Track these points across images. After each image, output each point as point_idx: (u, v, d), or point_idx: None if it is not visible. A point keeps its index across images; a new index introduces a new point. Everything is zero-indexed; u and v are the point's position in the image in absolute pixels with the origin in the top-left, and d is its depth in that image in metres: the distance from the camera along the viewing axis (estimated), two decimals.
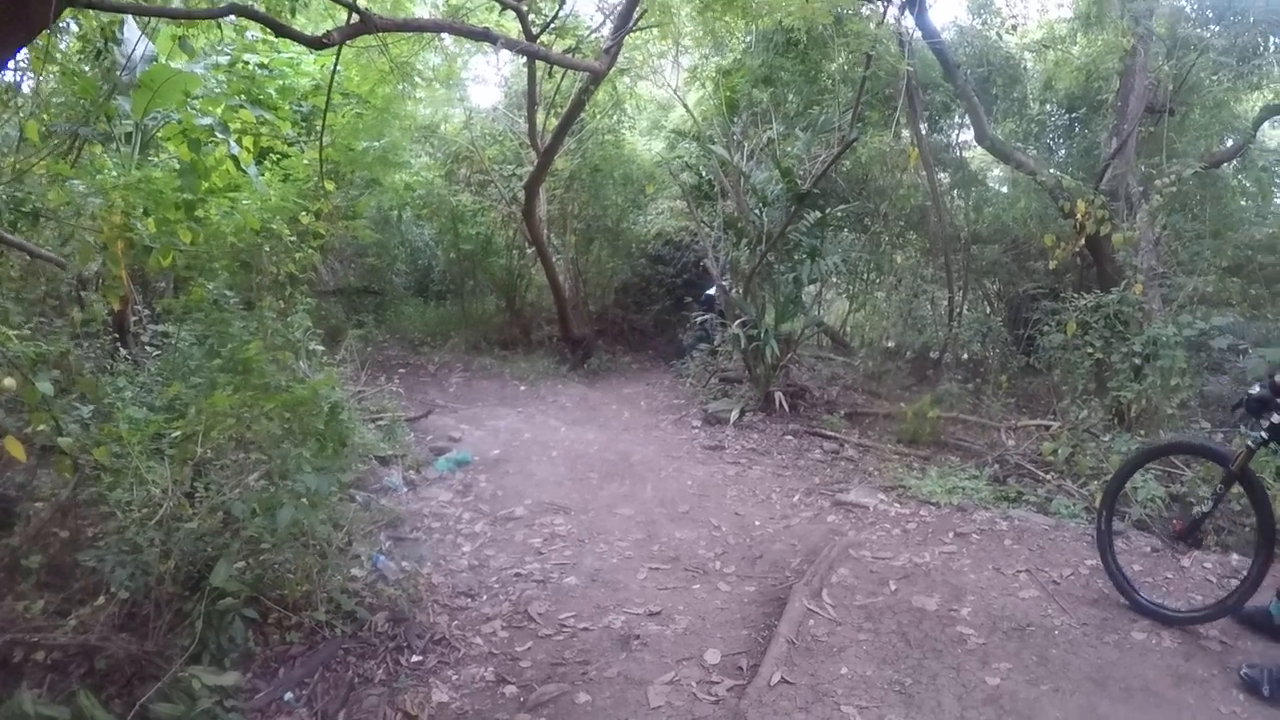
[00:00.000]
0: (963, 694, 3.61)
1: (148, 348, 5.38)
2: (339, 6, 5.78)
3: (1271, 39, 8.63)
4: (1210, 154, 9.34)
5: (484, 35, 5.86)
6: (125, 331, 5.45)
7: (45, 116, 5.19)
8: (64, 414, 3.62)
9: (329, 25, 6.77)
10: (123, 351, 5.22)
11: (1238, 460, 4.10)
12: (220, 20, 5.10)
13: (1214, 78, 9.06)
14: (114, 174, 5.28)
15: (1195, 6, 9.30)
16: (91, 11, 4.85)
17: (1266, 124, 9.79)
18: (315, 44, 4.49)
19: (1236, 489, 4.42)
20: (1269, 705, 3.56)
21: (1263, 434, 4.02)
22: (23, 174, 4.62)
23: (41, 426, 3.42)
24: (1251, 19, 8.48)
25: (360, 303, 11.30)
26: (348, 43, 5.09)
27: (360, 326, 9.43)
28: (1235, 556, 5.21)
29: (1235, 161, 9.62)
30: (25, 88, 5.81)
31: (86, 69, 5.76)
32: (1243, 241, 9.07)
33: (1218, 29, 8.88)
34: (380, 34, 6.13)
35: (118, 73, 5.67)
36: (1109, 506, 4.61)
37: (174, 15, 4.91)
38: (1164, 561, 5.12)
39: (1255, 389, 4.17)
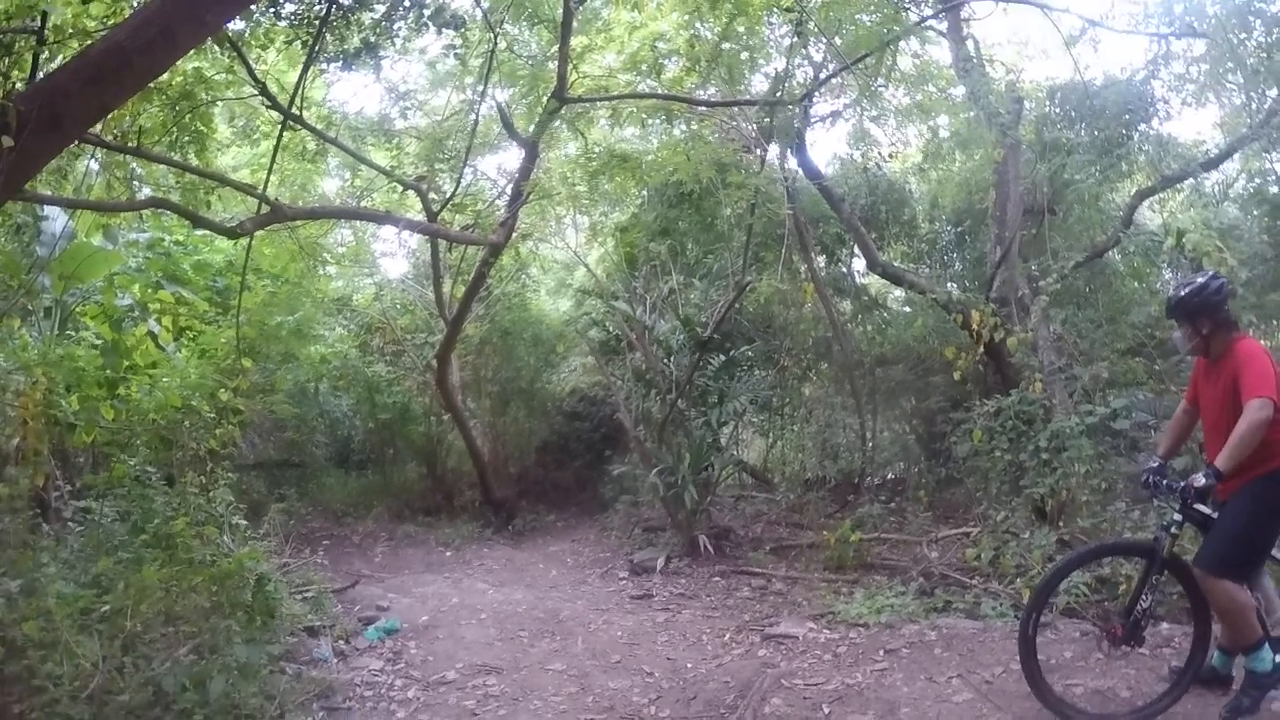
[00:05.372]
0: None
1: (70, 524, 5.31)
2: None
3: (1134, 129, 9.06)
4: (1092, 245, 9.65)
5: (387, 219, 6.25)
6: (46, 507, 5.39)
7: None
8: None
9: (244, 209, 7.04)
10: (45, 527, 5.15)
11: (1166, 549, 4.26)
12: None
13: (1085, 173, 9.33)
14: (34, 350, 5.35)
15: (1059, 110, 9.76)
16: None
17: (1143, 207, 10.21)
18: (230, 234, 4.76)
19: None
20: None
21: (1176, 516, 4.25)
22: None
23: None
24: (1111, 113, 8.89)
25: (281, 476, 11.17)
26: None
27: (282, 500, 9.32)
28: (1165, 625, 5.42)
29: (1118, 248, 9.96)
30: None
31: (8, 244, 5.87)
32: (1137, 322, 9.29)
33: (1082, 128, 9.31)
34: (290, 221, 6.45)
35: (38, 249, 5.82)
36: (1035, 613, 4.52)
37: (98, 208, 5.15)
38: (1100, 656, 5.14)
39: (1153, 463, 4.50)
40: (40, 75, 3.45)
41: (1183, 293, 4.36)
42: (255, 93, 5.99)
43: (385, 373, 12.22)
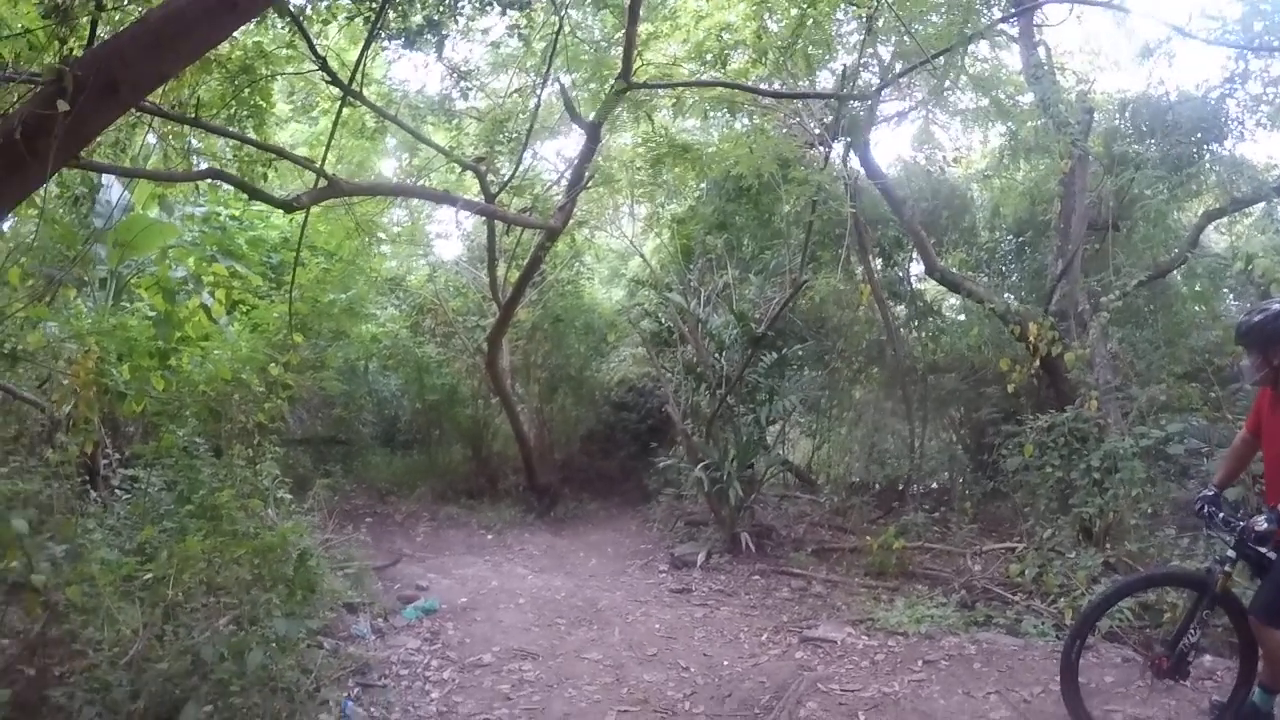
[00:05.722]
0: None
1: (117, 491, 5.39)
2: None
3: (1205, 147, 8.97)
4: (1155, 264, 9.56)
5: (444, 198, 6.23)
6: (95, 474, 5.48)
7: (23, 260, 5.35)
8: (36, 552, 3.64)
9: (299, 185, 7.08)
10: (93, 494, 5.23)
11: (1220, 584, 4.15)
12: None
13: (1153, 190, 9.29)
14: (88, 320, 5.42)
15: (1130, 124, 9.63)
16: None
17: (1210, 229, 10.07)
18: (285, 206, 4.76)
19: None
20: None
21: (1230, 553, 4.13)
22: (2, 317, 4.74)
23: (13, 563, 3.44)
24: (1184, 129, 8.79)
25: (327, 452, 11.28)
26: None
27: (328, 475, 9.42)
28: (1208, 658, 5.27)
29: (1182, 269, 9.82)
30: (4, 229, 5.98)
31: (65, 215, 5.95)
32: (1196, 346, 9.13)
33: (1152, 143, 9.15)
34: (346, 197, 6.46)
35: (95, 220, 5.90)
36: (1080, 639, 4.45)
37: (155, 178, 5.20)
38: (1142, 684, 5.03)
39: (1208, 491, 4.37)
40: (99, 41, 3.45)
41: (1256, 319, 4.19)
42: (315, 68, 6.01)
43: (435, 354, 12.27)
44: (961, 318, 12.35)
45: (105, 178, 6.08)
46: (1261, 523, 3.87)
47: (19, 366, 5.23)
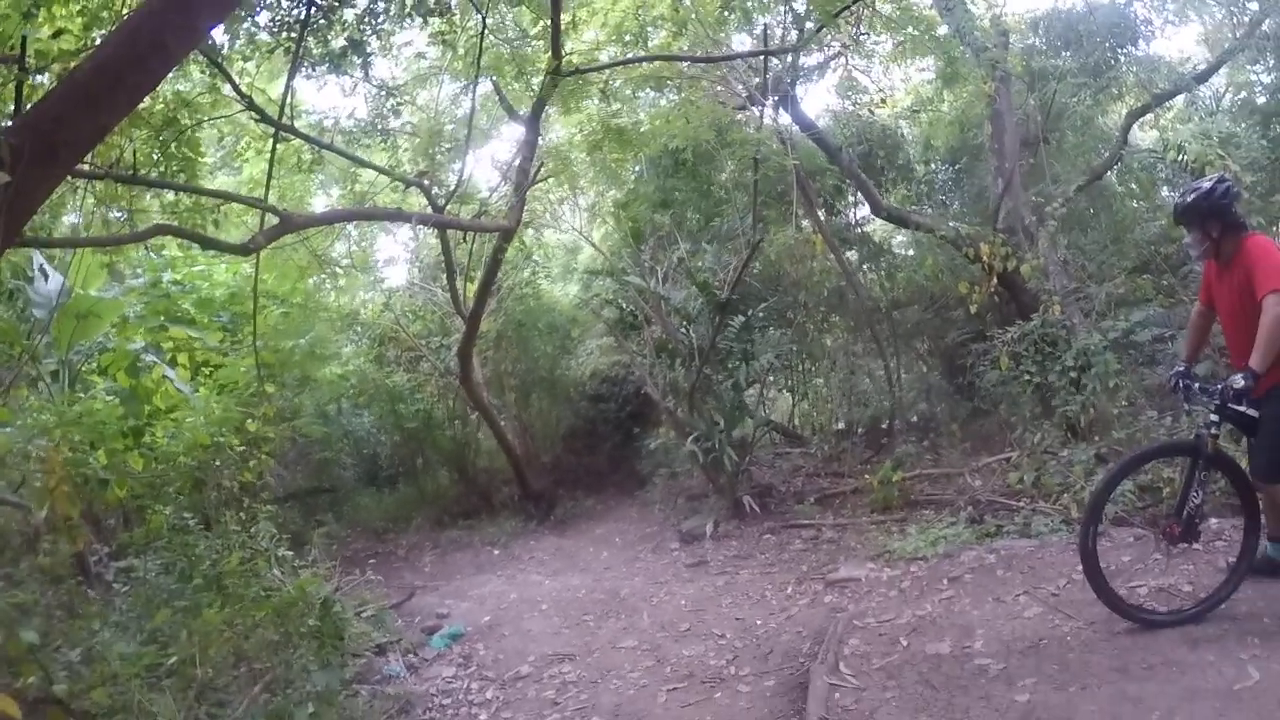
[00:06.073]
0: (997, 717, 3.69)
1: (113, 585, 5.25)
2: (245, 210, 6.01)
3: (1120, 50, 9.20)
4: (1090, 169, 9.86)
5: (397, 216, 6.15)
6: (87, 573, 5.33)
7: None
8: (51, 663, 3.54)
9: (243, 232, 6.92)
10: (90, 593, 5.09)
11: (1209, 446, 4.28)
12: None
13: (1076, 99, 9.55)
14: (48, 414, 5.26)
15: (1044, 39, 9.90)
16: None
17: (1135, 127, 10.34)
18: (241, 251, 4.67)
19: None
20: None
21: (1214, 416, 4.26)
22: None
23: (30, 679, 3.33)
24: (1097, 37, 9.02)
25: (314, 503, 11.13)
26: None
27: (319, 526, 9.30)
28: (1213, 521, 5.41)
29: (1117, 169, 10.14)
30: None
31: (3, 311, 5.78)
32: (1142, 239, 9.49)
33: (1069, 55, 9.42)
34: (300, 230, 6.35)
35: (34, 311, 5.73)
36: (1093, 526, 4.48)
37: (102, 243, 5.06)
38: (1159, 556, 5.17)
39: (1179, 367, 4.57)
40: (27, 106, 3.33)
41: (1190, 198, 4.40)
42: (241, 109, 5.89)
43: (405, 381, 12.14)
44: (911, 252, 12.52)
45: (35, 265, 5.91)
46: (1239, 380, 4.00)
47: None
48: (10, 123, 3.11)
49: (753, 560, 7.78)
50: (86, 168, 4.70)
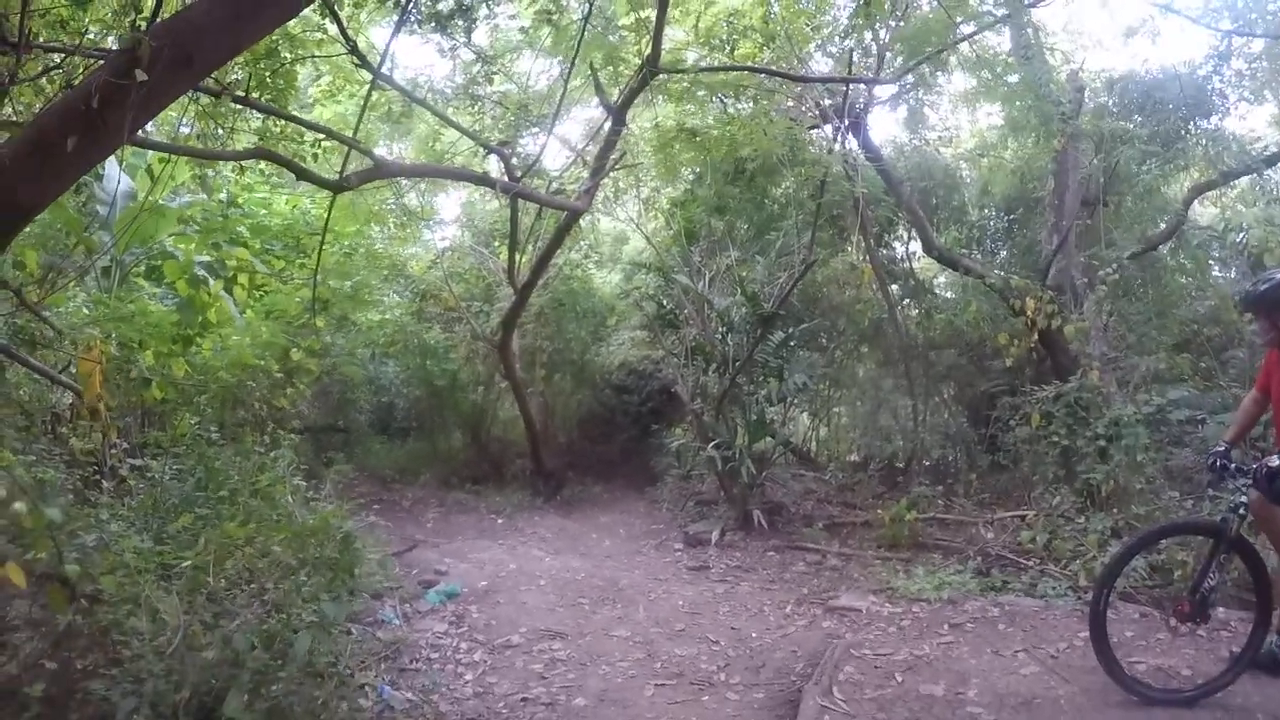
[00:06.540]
0: None
1: (126, 481, 5.31)
2: (335, 146, 6.08)
3: (1192, 123, 9.15)
4: (1146, 238, 9.77)
5: (482, 180, 6.19)
6: (103, 464, 5.40)
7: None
8: (67, 543, 3.58)
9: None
10: (104, 484, 5.16)
11: (1235, 529, 4.30)
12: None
13: (1142, 166, 9.47)
14: (101, 307, 5.34)
15: (1117, 101, 9.80)
16: None
17: (1196, 203, 10.26)
18: (335, 187, 4.74)
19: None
20: None
21: (1243, 498, 4.29)
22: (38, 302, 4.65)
23: (42, 554, 3.36)
24: (1170, 106, 8.99)
25: (326, 440, 11.18)
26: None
27: (330, 463, 9.36)
28: (1221, 610, 5.39)
29: (1171, 242, 10.02)
30: None
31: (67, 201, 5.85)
32: (1187, 317, 9.44)
33: (1140, 119, 9.36)
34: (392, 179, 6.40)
35: (97, 208, 5.81)
36: (1107, 588, 4.55)
37: (204, 155, 5.13)
38: (1161, 636, 5.28)
39: (1219, 447, 4.56)
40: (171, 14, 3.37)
41: (1263, 287, 4.43)
42: (344, 51, 5.95)
43: (442, 339, 12.21)
44: (951, 294, 12.40)
45: (108, 164, 5.99)
46: (1275, 460, 4.09)
47: (38, 353, 5.15)
48: (150, 24, 3.15)
49: (755, 574, 7.82)
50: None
